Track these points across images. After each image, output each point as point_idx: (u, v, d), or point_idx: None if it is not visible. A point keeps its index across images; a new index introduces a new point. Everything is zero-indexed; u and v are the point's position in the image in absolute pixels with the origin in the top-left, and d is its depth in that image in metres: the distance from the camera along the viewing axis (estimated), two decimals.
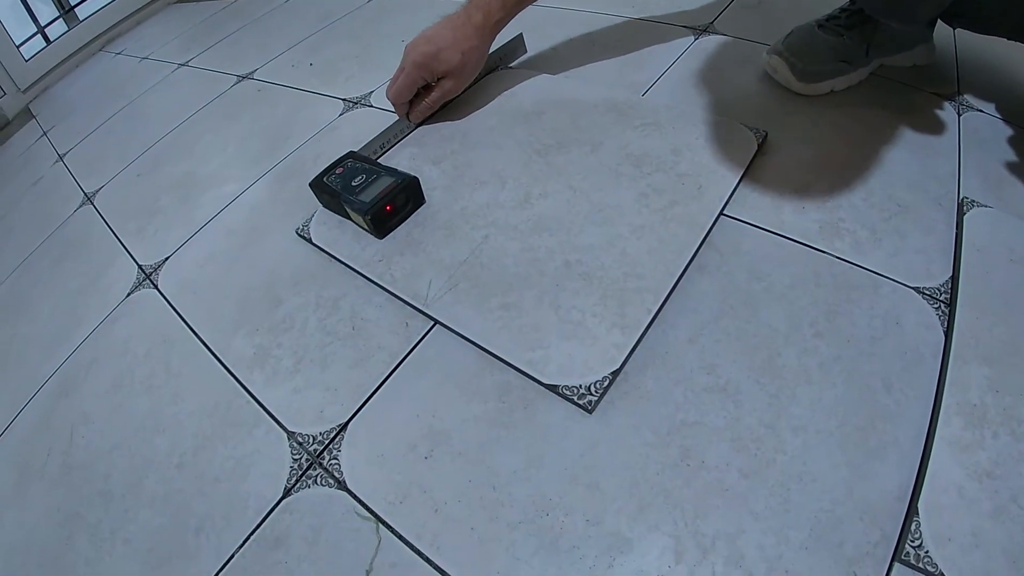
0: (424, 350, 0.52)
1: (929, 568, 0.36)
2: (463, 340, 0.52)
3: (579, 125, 0.69)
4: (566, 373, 0.47)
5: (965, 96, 0.70)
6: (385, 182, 0.61)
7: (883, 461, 0.41)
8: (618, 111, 0.70)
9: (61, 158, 1.06)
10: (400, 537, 0.42)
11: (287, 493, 0.46)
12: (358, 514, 0.44)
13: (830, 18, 0.70)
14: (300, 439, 0.49)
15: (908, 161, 0.62)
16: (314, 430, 0.49)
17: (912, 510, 0.38)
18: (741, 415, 0.44)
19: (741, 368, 0.47)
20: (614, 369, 0.46)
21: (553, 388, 0.46)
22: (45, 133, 1.21)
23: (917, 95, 0.70)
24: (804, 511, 0.40)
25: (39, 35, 1.48)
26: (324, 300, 0.58)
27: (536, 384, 0.48)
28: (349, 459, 0.47)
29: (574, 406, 0.46)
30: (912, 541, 0.37)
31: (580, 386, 0.46)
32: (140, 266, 0.71)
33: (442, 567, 0.40)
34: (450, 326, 0.52)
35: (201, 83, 1.07)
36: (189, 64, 1.17)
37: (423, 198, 0.64)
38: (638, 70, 0.79)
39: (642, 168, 0.62)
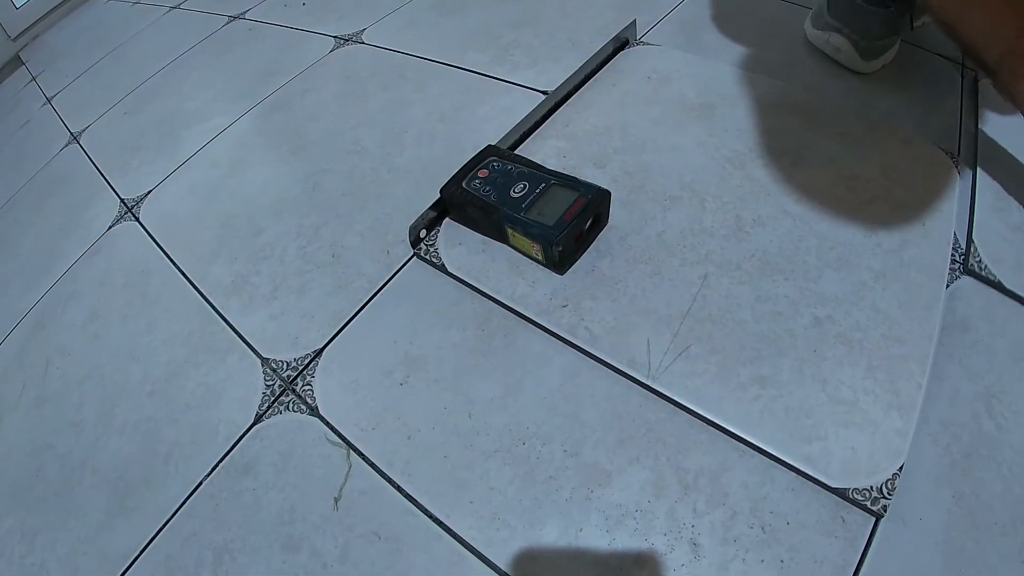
0: (404, 277, 0.50)
1: None
2: (442, 271, 0.50)
3: (766, 128, 0.57)
4: (852, 472, 0.38)
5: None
6: (566, 196, 0.45)
7: None
8: (803, 113, 0.58)
9: (49, 101, 1.04)
10: (371, 464, 0.41)
11: (258, 419, 0.45)
12: (329, 440, 0.42)
13: None
14: (274, 365, 0.47)
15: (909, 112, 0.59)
16: (288, 356, 0.48)
17: None
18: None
19: None
20: (901, 464, 0.38)
21: (840, 492, 0.38)
22: (34, 78, 1.19)
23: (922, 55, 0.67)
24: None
25: None
26: (305, 228, 0.57)
27: (517, 316, 0.46)
28: (323, 385, 0.45)
29: (863, 512, 0.38)
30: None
31: (871, 488, 0.37)
32: (122, 200, 0.69)
33: (412, 495, 0.39)
34: (693, 408, 0.41)
35: (192, 24, 1.04)
36: (180, 7, 1.14)
37: (607, 217, 0.49)
38: (635, 13, 0.76)
39: (857, 193, 0.51)
